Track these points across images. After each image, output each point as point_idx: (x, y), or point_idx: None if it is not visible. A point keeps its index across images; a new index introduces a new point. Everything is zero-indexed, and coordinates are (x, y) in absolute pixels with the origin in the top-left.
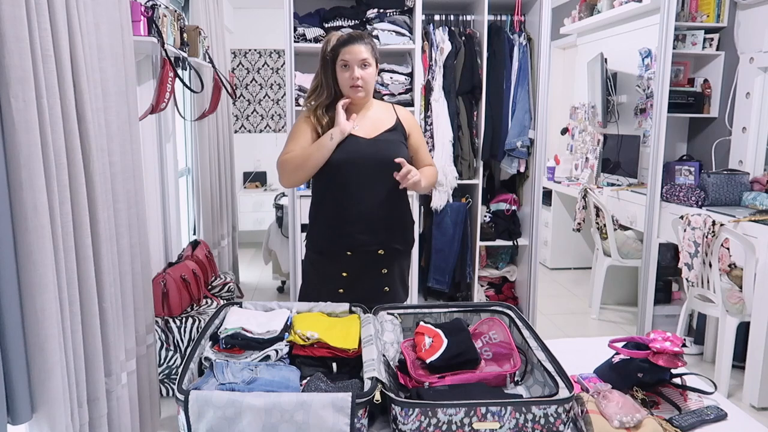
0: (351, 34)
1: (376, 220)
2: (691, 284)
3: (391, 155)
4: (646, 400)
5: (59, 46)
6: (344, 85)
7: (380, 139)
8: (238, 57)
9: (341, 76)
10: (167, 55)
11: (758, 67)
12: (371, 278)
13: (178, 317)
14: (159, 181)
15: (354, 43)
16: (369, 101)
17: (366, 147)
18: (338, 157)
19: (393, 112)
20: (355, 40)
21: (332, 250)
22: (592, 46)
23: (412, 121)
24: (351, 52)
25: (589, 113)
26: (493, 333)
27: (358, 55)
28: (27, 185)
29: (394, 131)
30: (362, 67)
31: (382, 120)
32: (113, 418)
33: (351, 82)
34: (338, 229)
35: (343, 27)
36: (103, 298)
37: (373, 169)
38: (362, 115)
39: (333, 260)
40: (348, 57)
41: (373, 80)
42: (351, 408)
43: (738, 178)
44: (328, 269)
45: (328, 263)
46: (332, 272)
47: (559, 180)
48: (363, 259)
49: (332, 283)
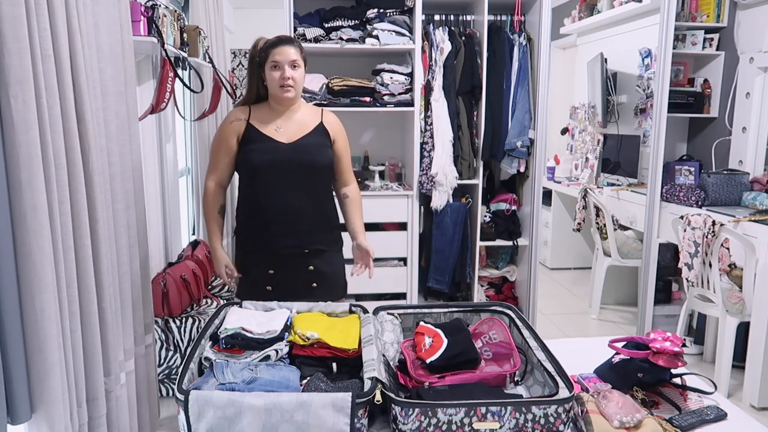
0: (280, 37)
1: (297, 222)
2: (691, 284)
3: (311, 159)
4: (646, 400)
5: (59, 46)
6: (274, 86)
7: (301, 143)
8: (238, 57)
9: (271, 77)
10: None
11: (758, 67)
12: (298, 275)
13: (178, 317)
14: (159, 181)
15: (284, 44)
16: (297, 103)
17: (286, 151)
18: (258, 161)
19: (319, 116)
20: (284, 42)
21: (256, 249)
22: (592, 46)
23: (337, 126)
24: (281, 53)
25: (589, 113)
26: (493, 333)
27: (288, 56)
28: (26, 185)
29: (316, 134)
30: (292, 67)
31: (306, 123)
32: (112, 418)
33: (281, 81)
34: (260, 230)
35: (343, 27)
36: (103, 298)
37: (293, 172)
38: (287, 117)
39: (258, 258)
40: (279, 58)
41: (302, 81)
42: (351, 408)
43: (738, 178)
44: (254, 268)
45: (254, 261)
46: (259, 270)
47: (559, 180)
48: (287, 257)
49: (260, 280)
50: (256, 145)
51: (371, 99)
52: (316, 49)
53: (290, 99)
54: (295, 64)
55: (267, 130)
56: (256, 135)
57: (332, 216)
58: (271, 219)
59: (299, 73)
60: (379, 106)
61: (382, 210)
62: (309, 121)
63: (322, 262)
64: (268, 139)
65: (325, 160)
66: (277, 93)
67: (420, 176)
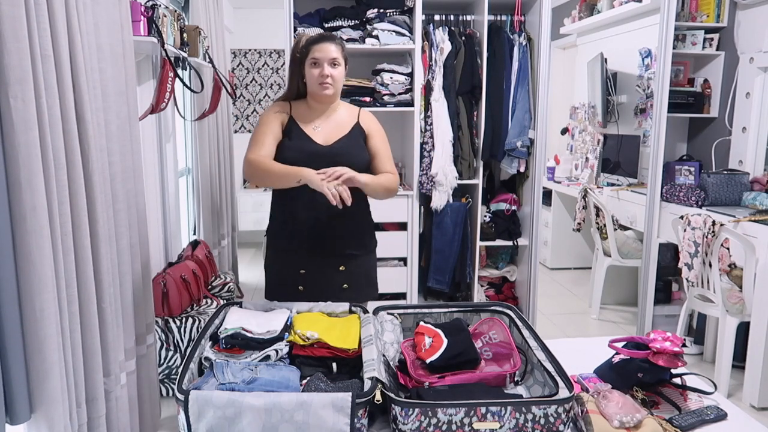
0: (322, 34)
1: (330, 227)
2: (691, 284)
3: (347, 162)
4: (646, 400)
5: (58, 46)
6: (313, 83)
7: (337, 146)
8: (238, 57)
9: (310, 74)
10: (167, 55)
11: (758, 67)
12: (330, 276)
13: (178, 317)
14: (159, 181)
15: (325, 41)
16: (336, 102)
17: (322, 153)
18: (293, 159)
19: (356, 116)
20: (325, 39)
21: (289, 249)
22: (592, 46)
23: (374, 125)
24: (321, 51)
25: (589, 113)
26: (493, 333)
27: (328, 53)
28: (26, 185)
29: (353, 135)
30: (332, 65)
31: (344, 124)
32: (112, 418)
33: (320, 79)
34: (293, 230)
35: (343, 27)
36: (103, 299)
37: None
38: (326, 117)
39: (290, 258)
40: (318, 55)
41: (341, 80)
42: (351, 408)
43: (738, 178)
44: (286, 267)
45: (286, 261)
46: (291, 270)
47: (559, 180)
48: (320, 257)
49: (291, 280)
50: (294, 141)
51: (371, 99)
52: None
53: (329, 97)
54: (335, 62)
55: (306, 127)
56: (296, 131)
57: (366, 220)
58: (303, 220)
59: (339, 71)
60: (379, 106)
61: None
62: (346, 122)
63: (355, 263)
64: (306, 138)
65: (360, 162)
66: (316, 90)
67: (420, 176)
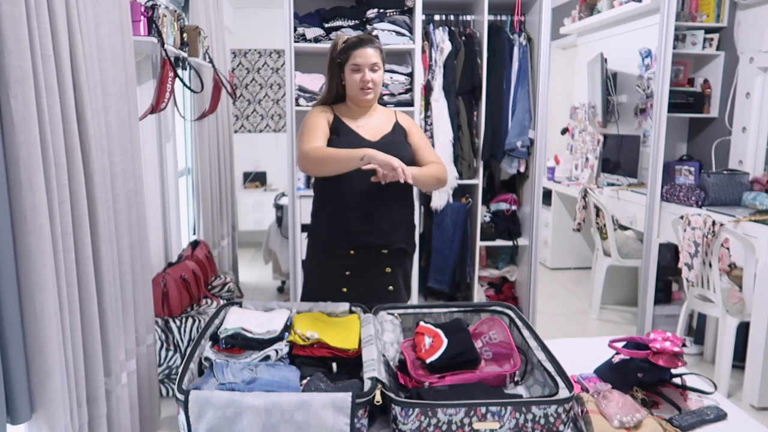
0: (361, 38)
1: (380, 220)
2: (691, 284)
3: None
4: (646, 400)
5: (59, 46)
6: (354, 87)
7: (384, 141)
8: (238, 57)
9: (351, 79)
10: (167, 55)
11: (758, 67)
12: (375, 277)
13: (178, 317)
14: (159, 181)
15: (365, 46)
16: (375, 105)
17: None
18: None
19: (394, 116)
20: (365, 43)
21: (335, 249)
22: (592, 46)
23: (410, 122)
24: (363, 56)
25: (589, 113)
26: (493, 333)
27: (369, 59)
28: (26, 185)
29: (396, 133)
30: (373, 70)
31: (385, 123)
32: (113, 418)
33: (362, 84)
34: (342, 227)
35: (343, 27)
36: (103, 298)
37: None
38: (368, 118)
39: (336, 259)
40: (360, 60)
41: (381, 83)
42: (351, 408)
43: (738, 178)
44: (331, 268)
45: (330, 262)
46: (335, 271)
47: (559, 180)
48: (366, 257)
49: (335, 282)
50: (343, 138)
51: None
52: (316, 49)
53: (369, 101)
54: (375, 67)
55: (352, 124)
56: (343, 128)
57: (411, 217)
58: (352, 216)
59: (379, 75)
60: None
61: None
62: (386, 121)
63: (399, 264)
64: (354, 134)
65: (406, 157)
66: (356, 95)
67: None
